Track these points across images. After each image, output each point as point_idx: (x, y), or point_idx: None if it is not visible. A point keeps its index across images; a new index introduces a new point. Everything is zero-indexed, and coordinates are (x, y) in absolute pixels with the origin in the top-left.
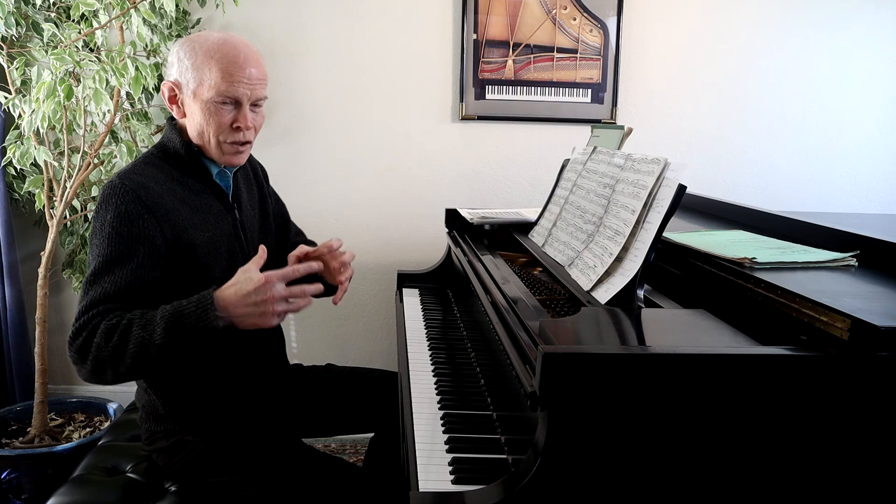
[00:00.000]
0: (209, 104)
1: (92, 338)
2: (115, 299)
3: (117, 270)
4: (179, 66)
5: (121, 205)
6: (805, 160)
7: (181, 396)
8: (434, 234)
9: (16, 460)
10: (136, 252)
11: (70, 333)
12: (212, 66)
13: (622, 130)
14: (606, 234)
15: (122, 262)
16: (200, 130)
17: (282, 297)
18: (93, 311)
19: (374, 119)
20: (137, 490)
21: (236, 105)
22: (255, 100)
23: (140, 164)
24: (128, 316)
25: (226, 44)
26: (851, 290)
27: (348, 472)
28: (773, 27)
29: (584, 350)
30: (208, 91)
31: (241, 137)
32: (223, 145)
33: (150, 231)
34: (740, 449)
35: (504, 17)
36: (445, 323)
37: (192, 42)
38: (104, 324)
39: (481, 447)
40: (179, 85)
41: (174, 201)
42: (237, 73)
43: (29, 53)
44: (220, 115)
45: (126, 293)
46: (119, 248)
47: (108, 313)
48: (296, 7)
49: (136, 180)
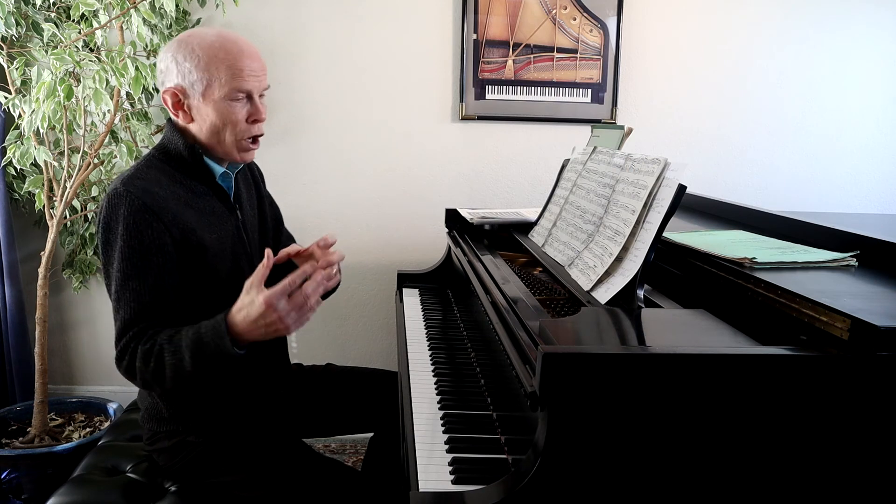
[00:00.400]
0: (222, 103)
1: (134, 362)
2: (144, 317)
3: (138, 286)
4: (179, 70)
5: (129, 215)
6: (805, 160)
7: (184, 399)
8: (434, 234)
9: (16, 460)
10: (151, 264)
11: (115, 355)
12: (219, 64)
13: (622, 130)
14: (606, 234)
15: (141, 276)
16: (215, 131)
17: (289, 312)
18: (129, 333)
19: (374, 119)
20: (137, 490)
21: (248, 99)
22: (263, 90)
23: (142, 167)
24: (158, 340)
25: (226, 40)
26: (851, 290)
27: (348, 474)
28: (773, 27)
29: (584, 350)
30: (220, 90)
31: (258, 130)
32: (241, 142)
33: (160, 238)
34: (741, 449)
35: (504, 17)
36: (445, 323)
37: (187, 44)
38: (140, 348)
39: (481, 447)
40: (184, 89)
41: (179, 204)
42: (245, 67)
43: (29, 53)
44: (236, 111)
45: (152, 307)
46: (134, 262)
47: (142, 335)
48: (296, 7)
49: (140, 185)
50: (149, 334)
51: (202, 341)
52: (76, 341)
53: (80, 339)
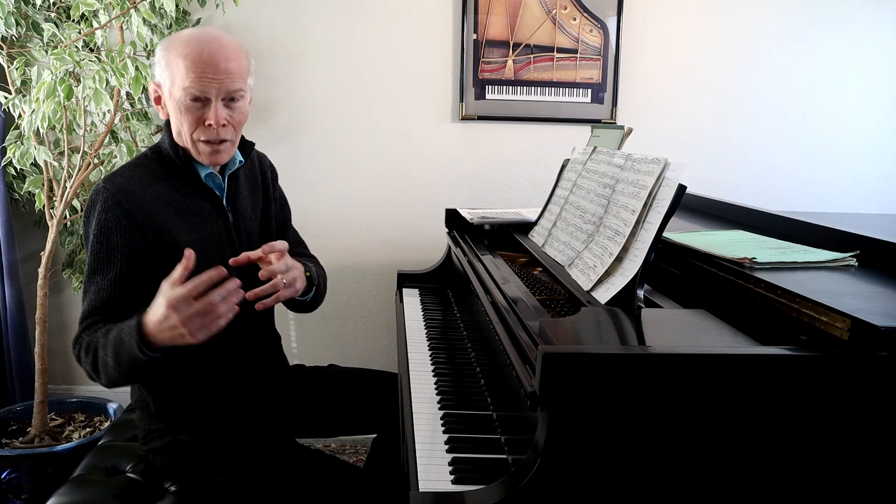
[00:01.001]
0: (179, 103)
1: (80, 352)
2: (101, 310)
3: (99, 280)
4: (159, 65)
5: (101, 212)
6: (805, 160)
7: (172, 394)
8: (434, 234)
9: (16, 460)
10: (114, 262)
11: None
12: (178, 63)
13: (622, 130)
14: (606, 234)
15: (103, 271)
16: (178, 130)
17: (190, 317)
18: (85, 322)
19: (374, 119)
20: (137, 490)
21: (206, 102)
22: (228, 94)
23: (130, 165)
24: (98, 334)
25: (193, 39)
26: (851, 290)
27: (347, 472)
28: (773, 27)
29: (584, 350)
30: (178, 89)
31: (215, 136)
32: (198, 144)
33: (128, 238)
34: (741, 449)
35: (504, 17)
36: (445, 323)
37: (168, 41)
38: (86, 338)
39: (481, 447)
40: (160, 85)
41: (158, 203)
42: (203, 69)
43: (29, 53)
44: (191, 112)
45: (108, 303)
46: (100, 257)
47: (93, 327)
48: (296, 7)
49: (118, 184)
50: (98, 327)
51: (121, 339)
52: None
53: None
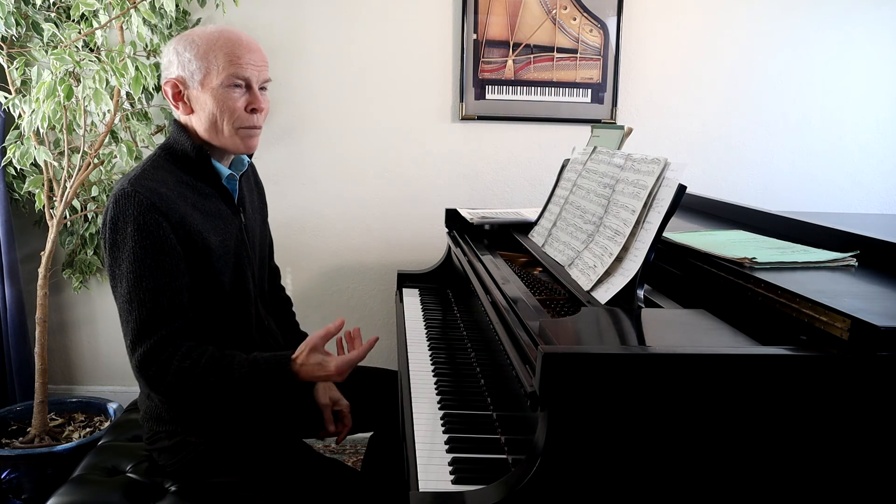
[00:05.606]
0: (219, 90)
1: (165, 377)
2: (163, 320)
3: (152, 286)
4: (180, 60)
5: (139, 216)
6: (805, 160)
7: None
8: (434, 234)
9: (16, 460)
10: (164, 264)
11: (135, 361)
12: (217, 52)
13: (622, 130)
14: (606, 234)
15: (154, 276)
16: (213, 120)
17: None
18: (152, 338)
19: (374, 119)
20: (137, 490)
21: (247, 88)
22: (262, 82)
23: (149, 167)
24: (202, 363)
25: (226, 30)
26: (851, 290)
27: (348, 474)
28: (773, 27)
29: (584, 350)
30: (217, 77)
31: (258, 121)
32: (239, 131)
33: (170, 239)
34: (740, 449)
35: (504, 17)
36: (445, 323)
37: (189, 36)
38: (176, 363)
39: (481, 447)
40: (183, 80)
41: (185, 205)
42: (244, 56)
43: (29, 53)
44: (233, 99)
45: (168, 309)
46: (147, 262)
47: (174, 348)
48: (296, 7)
49: (148, 186)
50: (183, 350)
51: (259, 371)
52: (76, 341)
53: (80, 339)
